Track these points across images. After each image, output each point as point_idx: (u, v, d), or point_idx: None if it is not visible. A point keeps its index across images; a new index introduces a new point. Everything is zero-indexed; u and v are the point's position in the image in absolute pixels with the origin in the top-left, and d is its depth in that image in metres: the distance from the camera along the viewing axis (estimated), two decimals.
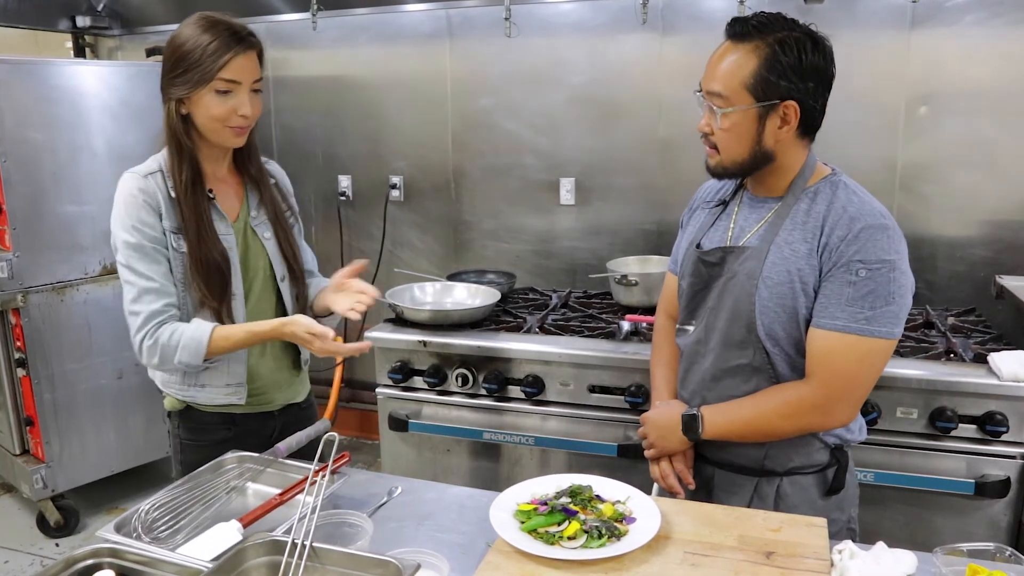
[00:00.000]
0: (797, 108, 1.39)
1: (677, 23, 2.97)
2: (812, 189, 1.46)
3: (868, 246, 1.36)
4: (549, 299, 3.01)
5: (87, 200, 3.09)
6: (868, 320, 1.36)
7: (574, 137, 3.25)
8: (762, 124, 1.40)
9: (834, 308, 1.38)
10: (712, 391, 1.54)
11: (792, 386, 1.45)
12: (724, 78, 1.40)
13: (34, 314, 2.98)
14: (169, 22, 3.84)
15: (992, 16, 2.67)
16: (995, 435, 2.03)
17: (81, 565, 1.19)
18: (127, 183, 1.59)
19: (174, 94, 1.55)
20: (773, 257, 1.43)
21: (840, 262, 1.37)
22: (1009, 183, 2.75)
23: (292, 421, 1.81)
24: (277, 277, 1.73)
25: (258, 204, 1.73)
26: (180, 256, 1.59)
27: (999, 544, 1.26)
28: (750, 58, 1.38)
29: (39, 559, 3.00)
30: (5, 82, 2.83)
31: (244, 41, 1.55)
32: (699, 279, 1.56)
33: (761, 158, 1.44)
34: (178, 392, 1.70)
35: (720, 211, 1.59)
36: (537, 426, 2.43)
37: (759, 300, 1.43)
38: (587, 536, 1.26)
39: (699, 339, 1.56)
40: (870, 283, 1.36)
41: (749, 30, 1.39)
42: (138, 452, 3.36)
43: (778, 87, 1.38)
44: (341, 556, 1.18)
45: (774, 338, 1.44)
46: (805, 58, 1.38)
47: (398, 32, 3.45)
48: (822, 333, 1.39)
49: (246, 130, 1.62)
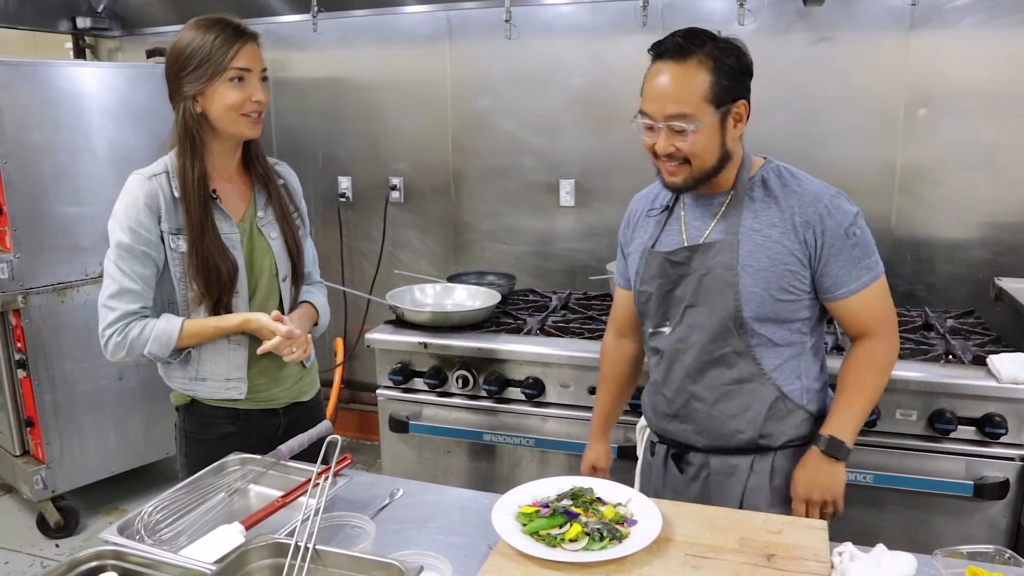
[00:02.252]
0: (747, 104, 1.50)
1: (677, 25, 2.89)
2: (758, 177, 1.57)
3: (844, 211, 1.51)
4: (549, 301, 3.01)
5: (87, 201, 3.09)
6: (876, 264, 1.55)
7: (574, 139, 3.25)
8: (723, 128, 1.49)
9: (856, 271, 1.52)
10: (698, 383, 1.59)
11: (864, 353, 1.57)
12: (684, 97, 1.45)
13: (35, 315, 2.98)
14: (169, 23, 3.84)
15: (991, 18, 2.68)
16: (994, 437, 2.04)
17: (85, 567, 1.20)
18: (131, 185, 1.63)
19: (188, 92, 1.60)
20: (747, 246, 1.52)
21: (837, 233, 1.50)
22: (1008, 185, 2.75)
23: (298, 419, 1.82)
24: (280, 276, 1.75)
25: (265, 204, 1.75)
26: (179, 256, 1.63)
27: (998, 546, 1.27)
28: (700, 72, 1.45)
29: (39, 560, 3.00)
30: (6, 84, 2.83)
31: (246, 32, 1.63)
32: (668, 280, 1.60)
33: (725, 159, 1.52)
34: (181, 386, 1.73)
35: (666, 216, 1.65)
36: (537, 428, 2.44)
37: (743, 288, 1.51)
38: (589, 538, 1.26)
39: (680, 337, 1.60)
40: (863, 236, 1.53)
41: (687, 47, 1.47)
42: (138, 453, 3.37)
43: (731, 90, 1.47)
44: (344, 558, 1.18)
45: (762, 319, 1.52)
46: (740, 58, 1.49)
47: (398, 34, 3.46)
48: (855, 297, 1.53)
49: (260, 119, 1.66)
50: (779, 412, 1.57)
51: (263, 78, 1.65)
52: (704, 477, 1.63)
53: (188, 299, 1.66)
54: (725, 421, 1.58)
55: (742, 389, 1.57)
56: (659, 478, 1.71)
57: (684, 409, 1.62)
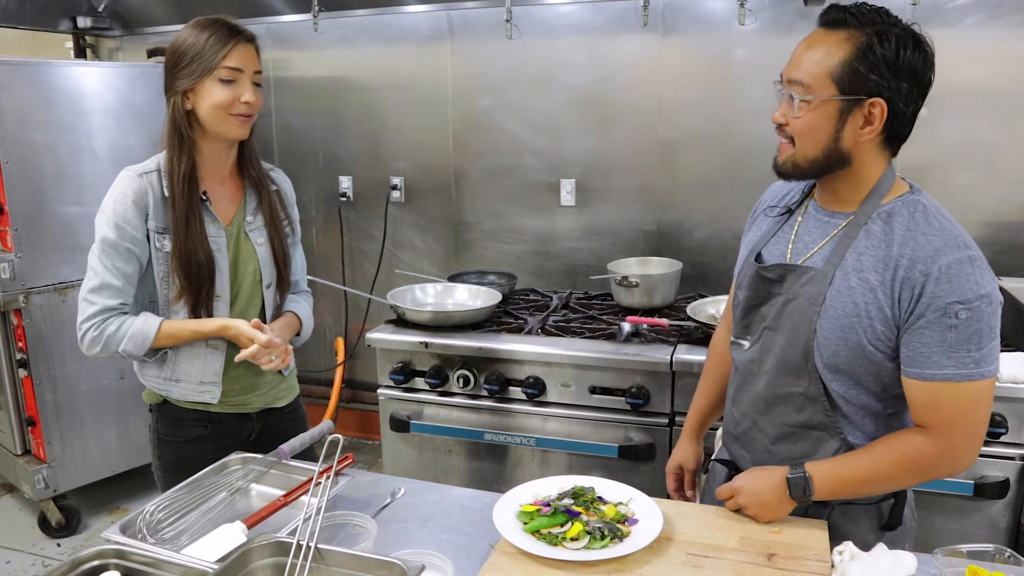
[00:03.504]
0: (884, 108, 1.25)
1: (677, 25, 2.98)
2: (887, 208, 1.31)
3: (961, 283, 1.21)
4: (550, 300, 3.02)
5: (88, 201, 3.09)
6: (976, 363, 1.23)
7: (575, 138, 3.26)
8: (843, 120, 1.27)
9: (938, 356, 1.23)
10: (765, 416, 1.44)
11: (907, 438, 1.31)
12: (809, 65, 1.27)
13: (36, 315, 2.99)
14: (170, 23, 3.84)
15: (992, 18, 2.68)
16: (994, 436, 2.04)
17: (87, 566, 1.20)
18: (121, 180, 1.64)
19: (179, 87, 1.61)
20: (839, 285, 1.30)
21: (934, 305, 1.22)
22: (1009, 185, 2.76)
23: (273, 424, 1.83)
24: (264, 283, 1.75)
25: (255, 209, 1.75)
26: (163, 255, 1.64)
27: (998, 545, 1.27)
28: (841, 46, 1.25)
29: (41, 559, 3.01)
30: (6, 83, 2.83)
31: (242, 33, 1.63)
32: (756, 294, 1.44)
33: (836, 159, 1.30)
34: (155, 385, 1.73)
35: (784, 220, 1.47)
36: (538, 427, 2.44)
37: (820, 330, 1.31)
38: (590, 537, 1.27)
39: (753, 358, 1.45)
40: (973, 323, 1.22)
41: (846, 18, 1.26)
42: (139, 452, 3.36)
43: (867, 81, 1.24)
44: (346, 557, 1.19)
45: (834, 369, 1.32)
46: (903, 55, 1.24)
47: (399, 33, 3.46)
48: (928, 384, 1.25)
49: (249, 121, 1.66)
50: None
51: (256, 82, 1.65)
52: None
53: (169, 298, 1.66)
54: (783, 463, 1.39)
55: (808, 435, 1.39)
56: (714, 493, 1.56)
57: (746, 435, 1.49)
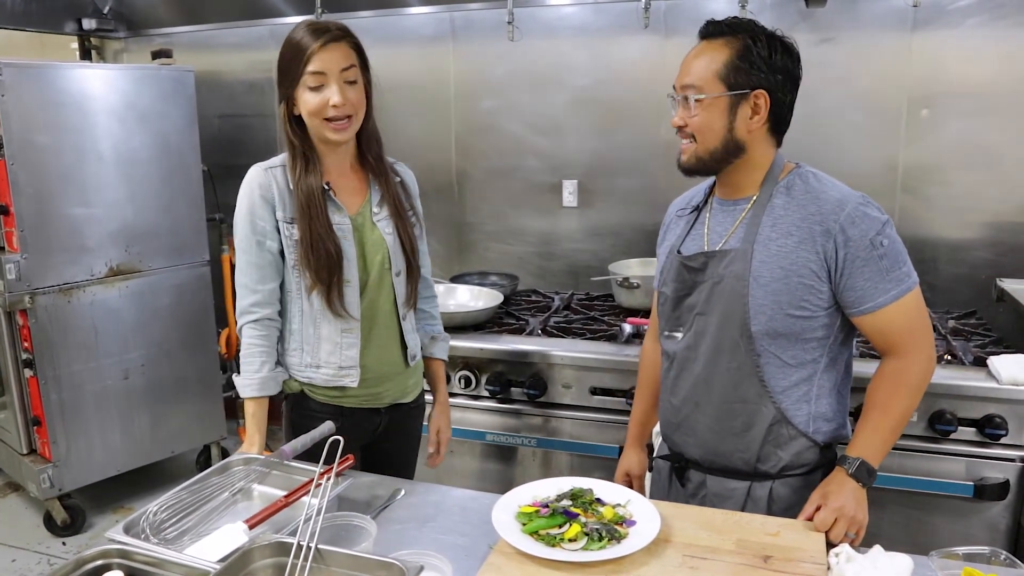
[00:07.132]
0: (767, 98, 1.45)
1: (679, 26, 2.98)
2: (784, 183, 1.50)
3: (870, 218, 1.42)
4: (551, 301, 3.03)
5: (94, 202, 3.11)
6: (908, 275, 1.44)
7: (577, 139, 3.26)
8: (734, 112, 1.45)
9: (881, 284, 1.42)
10: (705, 395, 1.55)
11: (886, 372, 1.47)
12: (698, 70, 1.46)
13: (41, 315, 3.01)
14: (174, 24, 3.86)
15: (994, 19, 2.68)
16: (994, 438, 2.04)
17: (91, 565, 1.21)
18: (249, 175, 1.72)
19: (282, 95, 1.68)
20: (760, 256, 1.46)
21: (861, 244, 1.40)
22: (1010, 185, 2.75)
23: (399, 419, 1.88)
24: (393, 271, 1.78)
25: (380, 200, 1.79)
26: (293, 244, 1.69)
27: (995, 548, 1.27)
28: (723, 51, 1.45)
29: (46, 558, 3.03)
30: (12, 85, 2.85)
31: (326, 34, 1.63)
32: (683, 285, 1.57)
33: (733, 148, 1.48)
34: (297, 373, 1.77)
35: (694, 218, 1.63)
36: (539, 428, 2.45)
37: (752, 301, 1.45)
38: (588, 538, 1.28)
39: (689, 344, 1.56)
40: (892, 245, 1.43)
41: (723, 28, 1.47)
42: (144, 452, 3.38)
43: (749, 76, 1.44)
44: (346, 558, 1.20)
45: (772, 334, 1.46)
46: (775, 54, 1.45)
47: (401, 35, 3.47)
48: (882, 312, 1.43)
49: (345, 124, 1.66)
50: (779, 437, 1.50)
51: (349, 80, 1.64)
52: (701, 496, 1.60)
53: (303, 287, 1.71)
54: (724, 439, 1.53)
55: (744, 408, 1.51)
56: (663, 489, 1.70)
57: (687, 421, 1.59)
